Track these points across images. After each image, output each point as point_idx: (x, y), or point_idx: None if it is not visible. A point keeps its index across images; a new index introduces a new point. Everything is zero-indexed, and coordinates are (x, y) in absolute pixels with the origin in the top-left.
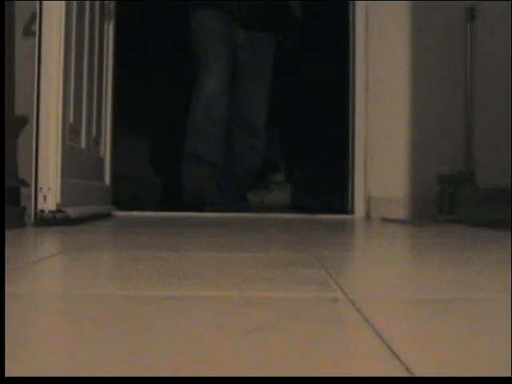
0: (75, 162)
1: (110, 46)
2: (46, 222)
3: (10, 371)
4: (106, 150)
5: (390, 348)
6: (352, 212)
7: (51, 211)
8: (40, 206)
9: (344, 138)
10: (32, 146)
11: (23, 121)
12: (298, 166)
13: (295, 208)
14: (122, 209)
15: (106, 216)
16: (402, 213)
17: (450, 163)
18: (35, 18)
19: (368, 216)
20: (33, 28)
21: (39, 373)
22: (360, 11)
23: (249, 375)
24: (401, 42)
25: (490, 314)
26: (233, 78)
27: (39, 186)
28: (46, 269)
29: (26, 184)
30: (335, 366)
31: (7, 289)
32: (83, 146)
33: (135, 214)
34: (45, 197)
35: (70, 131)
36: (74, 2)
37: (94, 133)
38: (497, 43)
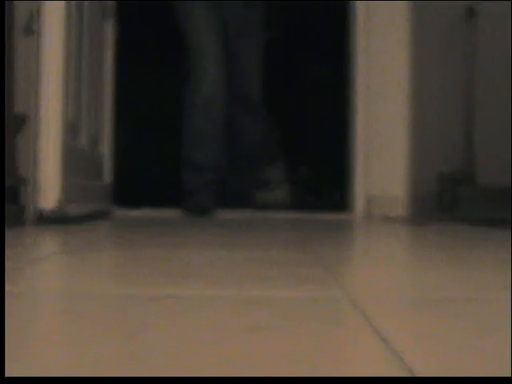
0: (75, 160)
1: (109, 45)
2: (46, 220)
3: (10, 371)
4: (107, 149)
5: (390, 348)
6: (352, 211)
7: (51, 210)
8: (40, 205)
9: (344, 137)
10: (31, 145)
11: (23, 119)
12: (298, 164)
13: (295, 207)
14: (122, 207)
15: (106, 214)
16: (402, 211)
17: (450, 162)
18: (35, 16)
19: (368, 215)
20: (33, 27)
21: (39, 373)
22: (360, 11)
23: (249, 375)
24: (401, 41)
25: (490, 313)
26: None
27: (39, 184)
28: (45, 268)
29: (25, 183)
30: (335, 365)
31: (7, 288)
32: (83, 144)
33: (135, 212)
34: (44, 195)
35: (70, 130)
36: (74, 2)
37: (93, 131)
38: (497, 43)
